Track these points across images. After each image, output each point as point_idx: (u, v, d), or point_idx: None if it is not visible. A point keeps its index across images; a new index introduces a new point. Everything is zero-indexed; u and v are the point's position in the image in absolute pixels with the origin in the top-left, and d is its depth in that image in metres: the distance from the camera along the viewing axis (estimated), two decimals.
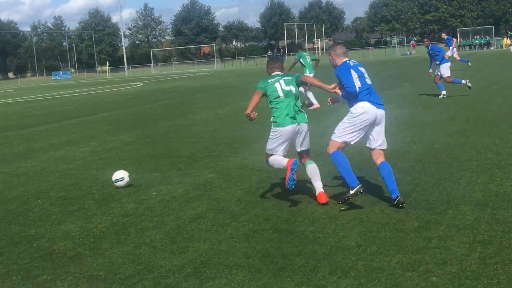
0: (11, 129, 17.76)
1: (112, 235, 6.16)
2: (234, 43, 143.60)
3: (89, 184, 8.88)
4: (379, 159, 6.67)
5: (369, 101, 6.52)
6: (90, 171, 9.95)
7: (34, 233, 6.42)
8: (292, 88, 7.09)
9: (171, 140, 13.04)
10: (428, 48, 18.12)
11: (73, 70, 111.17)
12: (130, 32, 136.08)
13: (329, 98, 7.22)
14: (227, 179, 8.54)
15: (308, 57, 18.48)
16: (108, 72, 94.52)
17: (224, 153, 10.80)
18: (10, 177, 9.90)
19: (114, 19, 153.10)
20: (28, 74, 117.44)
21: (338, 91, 6.74)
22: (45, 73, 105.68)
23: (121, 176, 8.44)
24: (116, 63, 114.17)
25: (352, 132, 6.57)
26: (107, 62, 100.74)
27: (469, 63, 30.82)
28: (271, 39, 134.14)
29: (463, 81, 17.54)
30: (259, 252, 5.33)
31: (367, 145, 6.79)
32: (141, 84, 46.10)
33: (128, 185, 8.41)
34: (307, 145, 7.18)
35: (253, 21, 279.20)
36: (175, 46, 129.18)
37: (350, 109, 6.65)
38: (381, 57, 74.08)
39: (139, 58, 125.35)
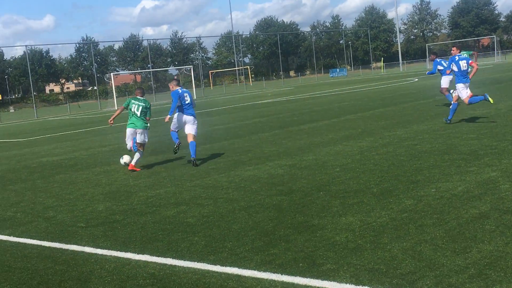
0: (293, 124, 18.89)
1: (392, 230, 6.18)
2: None
3: (367, 178, 9.04)
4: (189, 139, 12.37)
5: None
6: (368, 166, 10.11)
7: (317, 224, 6.74)
8: None
9: (449, 136, 12.62)
10: None
11: (348, 67, 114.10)
12: (405, 27, 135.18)
13: None
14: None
15: None
16: (383, 68, 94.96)
17: (508, 150, 10.12)
18: (294, 169, 10.54)
19: (390, 15, 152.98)
20: (307, 72, 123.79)
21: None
22: (322, 71, 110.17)
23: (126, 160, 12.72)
24: (390, 59, 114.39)
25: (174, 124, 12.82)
26: (382, 58, 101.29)
27: None
28: None
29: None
30: None
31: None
32: (416, 79, 45.41)
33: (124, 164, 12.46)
34: None
35: None
36: (451, 39, 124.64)
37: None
38: None
39: (414, 53, 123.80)
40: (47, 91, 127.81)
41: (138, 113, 12.53)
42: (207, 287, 5.08)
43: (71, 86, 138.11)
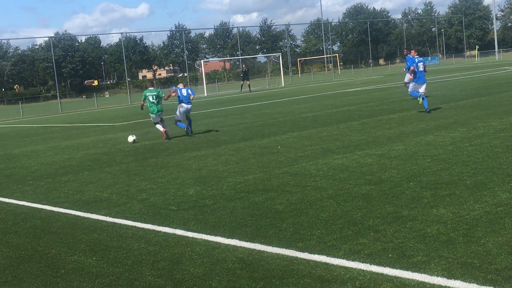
0: (382, 113, 18.58)
1: (486, 224, 5.99)
2: None
3: (460, 170, 8.79)
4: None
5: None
6: (461, 157, 9.82)
7: (407, 215, 6.63)
8: None
9: None
10: None
11: (440, 55, 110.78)
12: (502, 14, 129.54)
13: None
14: None
15: None
16: (477, 57, 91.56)
17: None
18: (383, 159, 10.39)
19: (486, 1, 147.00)
20: (397, 60, 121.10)
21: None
22: None
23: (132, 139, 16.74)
24: (485, 47, 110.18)
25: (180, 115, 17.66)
26: (476, 46, 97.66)
27: None
28: None
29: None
30: None
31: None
32: None
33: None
34: None
35: None
36: None
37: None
38: None
39: (511, 41, 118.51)
40: (140, 77, 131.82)
41: (155, 101, 17.21)
42: (295, 274, 5.12)
43: (162, 73, 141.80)
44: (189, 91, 17.89)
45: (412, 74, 18.21)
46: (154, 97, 17.19)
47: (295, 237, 6.17)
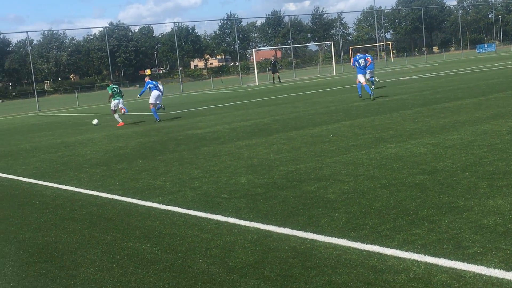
0: (437, 102, 18.23)
1: None
2: None
3: None
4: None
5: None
6: None
7: (463, 205, 6.50)
8: None
9: None
10: None
11: (497, 42, 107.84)
12: None
13: None
14: None
15: None
16: None
17: None
18: (437, 148, 10.20)
19: None
20: (452, 48, 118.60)
21: None
22: (468, 47, 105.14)
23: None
24: None
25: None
26: None
27: None
28: None
29: None
30: None
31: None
32: None
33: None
34: None
35: None
36: None
37: None
38: None
39: None
40: (192, 66, 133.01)
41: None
42: (348, 264, 5.08)
43: (214, 62, 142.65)
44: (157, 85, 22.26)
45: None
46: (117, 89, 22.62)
47: (347, 227, 6.13)
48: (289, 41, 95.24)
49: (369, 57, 23.51)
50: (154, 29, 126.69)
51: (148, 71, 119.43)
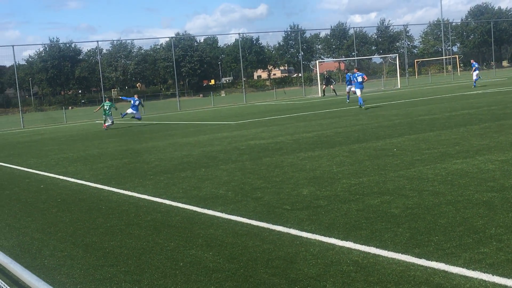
0: (506, 118, 17.72)
1: None
2: None
3: None
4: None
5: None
6: None
7: None
8: None
9: None
10: None
11: None
12: None
13: None
14: None
15: None
16: None
17: None
18: (506, 165, 9.90)
19: None
20: None
21: None
22: None
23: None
24: None
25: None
26: None
27: None
28: None
29: None
30: None
31: None
32: None
33: None
34: None
35: None
36: None
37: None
38: None
39: None
40: (255, 77, 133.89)
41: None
42: (412, 280, 5.00)
43: (277, 73, 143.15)
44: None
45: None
46: (108, 106, 29.59)
47: (411, 243, 6.02)
48: (353, 53, 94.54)
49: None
50: (219, 39, 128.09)
51: (212, 81, 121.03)
